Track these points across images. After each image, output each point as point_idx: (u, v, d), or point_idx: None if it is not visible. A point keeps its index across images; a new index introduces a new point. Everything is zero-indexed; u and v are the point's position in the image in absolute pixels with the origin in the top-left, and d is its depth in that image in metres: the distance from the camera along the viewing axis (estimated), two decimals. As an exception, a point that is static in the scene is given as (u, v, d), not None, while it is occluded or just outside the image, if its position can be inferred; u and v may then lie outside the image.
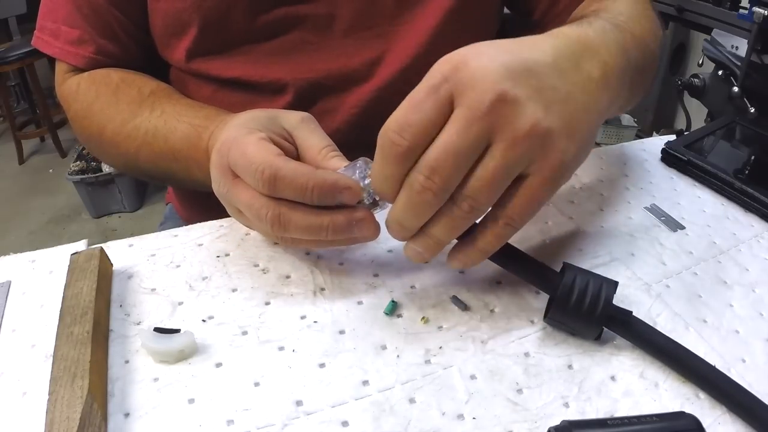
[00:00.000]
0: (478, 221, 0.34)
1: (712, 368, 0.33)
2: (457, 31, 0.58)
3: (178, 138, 0.47)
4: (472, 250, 0.34)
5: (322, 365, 0.33)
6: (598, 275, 0.35)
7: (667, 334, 0.34)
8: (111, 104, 0.52)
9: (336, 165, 0.37)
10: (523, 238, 0.43)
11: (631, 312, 0.35)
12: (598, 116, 0.35)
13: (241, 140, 0.36)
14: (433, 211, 0.31)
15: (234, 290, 0.38)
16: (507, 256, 0.37)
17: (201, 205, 0.68)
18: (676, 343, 0.34)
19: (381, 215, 0.36)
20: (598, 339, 0.35)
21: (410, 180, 0.30)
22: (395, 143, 0.30)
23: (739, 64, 0.82)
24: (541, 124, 0.29)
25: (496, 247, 0.34)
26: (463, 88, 0.29)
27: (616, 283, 0.34)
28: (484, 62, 0.29)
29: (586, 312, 0.33)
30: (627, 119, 2.46)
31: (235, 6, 0.52)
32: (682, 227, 0.46)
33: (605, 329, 0.35)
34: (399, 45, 0.57)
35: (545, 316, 0.36)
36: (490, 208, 0.32)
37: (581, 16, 0.49)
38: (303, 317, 0.37)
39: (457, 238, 0.34)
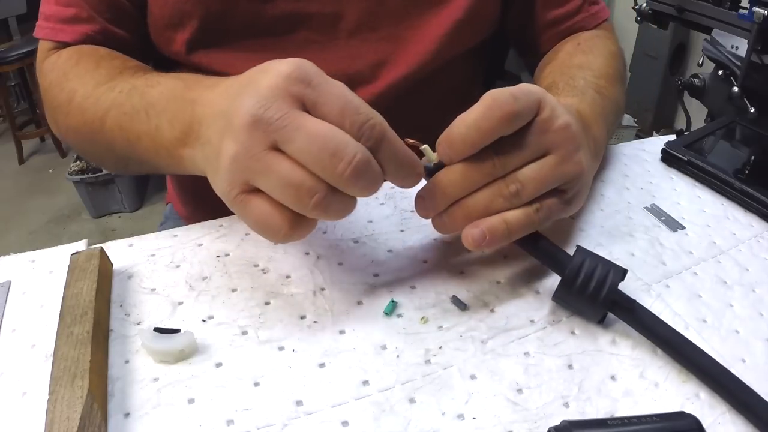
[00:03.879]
0: None
1: (711, 359, 0.33)
2: (464, 41, 0.59)
3: (159, 91, 0.41)
4: (498, 219, 0.35)
5: (322, 365, 0.33)
6: (609, 261, 0.36)
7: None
8: (89, 71, 0.48)
9: None
10: (523, 238, 0.44)
11: (635, 300, 0.35)
12: (591, 179, 0.43)
13: (329, 80, 0.32)
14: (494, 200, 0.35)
15: (234, 290, 0.38)
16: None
17: (201, 203, 0.68)
18: (677, 332, 0.34)
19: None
20: (601, 323, 0.36)
21: (501, 185, 0.35)
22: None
23: (739, 64, 0.82)
24: (584, 165, 0.38)
25: (518, 225, 0.35)
26: (563, 144, 0.36)
27: (624, 271, 0.35)
28: (575, 127, 0.37)
29: (591, 294, 0.35)
30: (627, 119, 2.46)
31: None
32: (682, 227, 0.46)
33: (612, 319, 0.36)
34: (405, 50, 0.57)
35: (553, 296, 0.37)
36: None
37: (569, 68, 0.52)
38: (303, 317, 0.37)
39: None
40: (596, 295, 0.34)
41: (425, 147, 0.36)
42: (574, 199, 0.38)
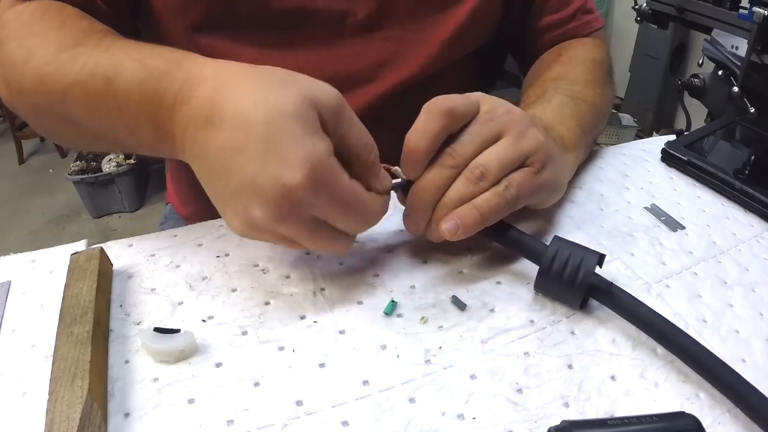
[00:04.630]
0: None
1: (693, 340, 0.33)
2: (466, 45, 0.59)
3: (126, 81, 0.36)
4: (468, 206, 0.37)
5: (322, 365, 0.33)
6: (584, 247, 0.37)
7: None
8: (53, 28, 0.42)
9: None
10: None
11: (612, 282, 0.36)
12: (568, 169, 0.45)
13: (346, 105, 0.34)
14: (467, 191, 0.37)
15: (234, 290, 0.38)
16: (498, 228, 0.39)
17: (201, 201, 0.68)
18: (658, 313, 0.34)
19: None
20: (583, 308, 0.37)
21: (467, 173, 0.37)
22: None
23: (739, 64, 0.82)
24: (541, 139, 0.40)
25: (489, 206, 0.37)
26: (512, 124, 0.39)
27: (600, 255, 0.36)
28: (519, 111, 0.40)
29: (568, 279, 0.36)
30: (627, 119, 2.46)
31: None
32: (682, 227, 0.46)
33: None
34: (408, 52, 0.57)
35: (534, 285, 0.38)
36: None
37: (544, 81, 0.54)
38: (303, 317, 0.37)
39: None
40: (573, 280, 0.35)
41: (396, 168, 0.38)
42: (542, 173, 0.39)
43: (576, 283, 0.36)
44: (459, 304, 0.38)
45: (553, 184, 0.41)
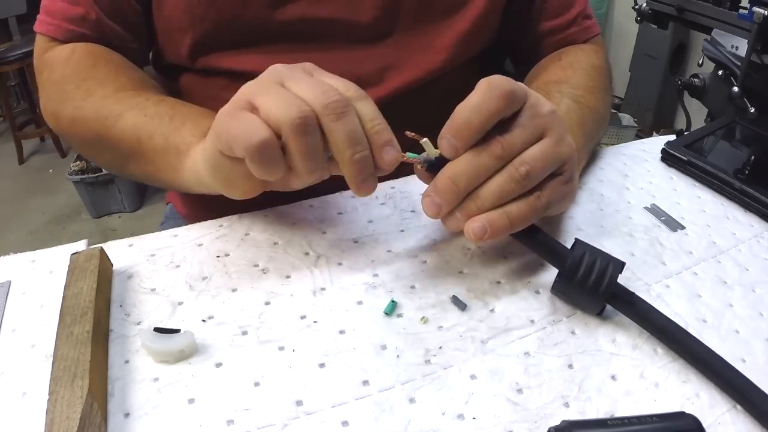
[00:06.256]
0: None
1: (710, 350, 0.33)
2: (469, 50, 0.59)
3: (190, 108, 0.45)
4: (499, 212, 0.35)
5: (322, 365, 0.33)
6: (607, 254, 0.36)
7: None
8: (109, 75, 0.49)
9: None
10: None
11: (634, 293, 0.36)
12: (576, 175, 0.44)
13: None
14: (507, 190, 0.36)
15: (234, 290, 0.38)
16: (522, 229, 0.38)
17: (202, 201, 0.68)
18: (676, 323, 0.34)
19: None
20: (600, 315, 0.37)
21: (511, 169, 0.36)
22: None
23: (739, 64, 0.82)
24: (574, 147, 0.39)
25: (519, 214, 0.36)
26: (554, 126, 0.37)
27: (623, 264, 0.35)
28: (558, 112, 0.38)
29: (591, 287, 0.35)
30: (627, 119, 2.46)
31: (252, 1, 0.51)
32: (682, 227, 0.46)
33: (612, 319, 0.36)
34: (412, 57, 0.57)
35: (552, 288, 0.38)
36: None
37: (546, 84, 0.54)
38: (303, 317, 0.37)
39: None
40: (596, 288, 0.35)
41: (425, 140, 0.35)
42: (570, 183, 0.39)
43: (599, 291, 0.35)
44: (459, 304, 0.38)
45: (573, 194, 0.41)
